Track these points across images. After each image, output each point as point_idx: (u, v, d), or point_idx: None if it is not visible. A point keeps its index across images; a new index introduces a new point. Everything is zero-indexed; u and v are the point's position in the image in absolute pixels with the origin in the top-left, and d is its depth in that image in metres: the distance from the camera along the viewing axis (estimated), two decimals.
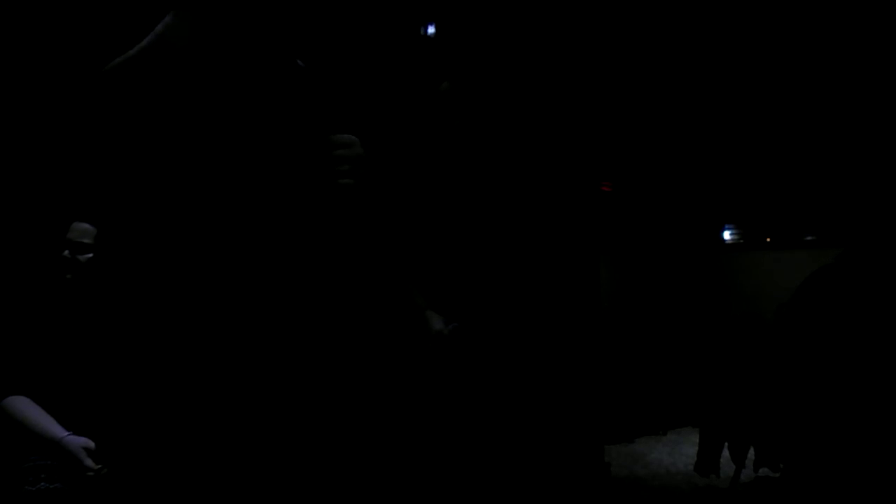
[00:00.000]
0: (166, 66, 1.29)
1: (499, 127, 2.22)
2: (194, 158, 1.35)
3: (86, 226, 2.17)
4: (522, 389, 2.20)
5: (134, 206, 1.35)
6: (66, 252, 2.15)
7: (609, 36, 4.29)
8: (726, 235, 7.59)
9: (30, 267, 2.33)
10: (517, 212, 2.27)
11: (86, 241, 2.15)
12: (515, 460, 2.10)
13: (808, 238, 7.04)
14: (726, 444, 4.67)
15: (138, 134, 1.31)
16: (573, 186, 3.94)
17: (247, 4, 1.35)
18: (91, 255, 2.15)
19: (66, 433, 1.98)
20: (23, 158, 2.69)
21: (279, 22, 1.41)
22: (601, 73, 4.38)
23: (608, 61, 4.43)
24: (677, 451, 5.68)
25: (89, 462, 1.94)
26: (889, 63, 4.64)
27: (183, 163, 1.35)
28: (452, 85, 2.16)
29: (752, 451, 4.61)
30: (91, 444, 1.97)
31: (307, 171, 1.42)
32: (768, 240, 7.36)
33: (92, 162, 2.35)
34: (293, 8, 1.46)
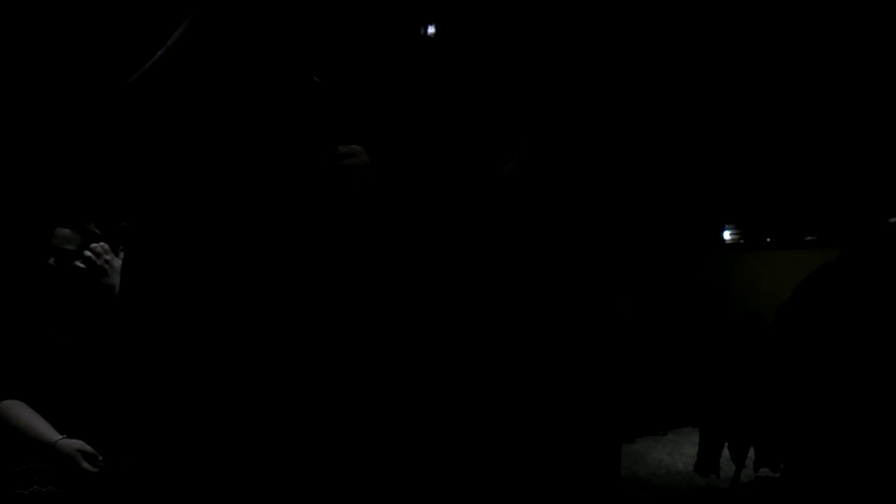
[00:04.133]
0: (182, 76, 1.29)
1: (499, 127, 2.21)
2: (200, 162, 1.35)
3: (68, 231, 2.12)
4: (525, 390, 2.20)
5: (132, 208, 1.35)
6: (52, 260, 2.11)
7: (609, 36, 4.29)
8: (726, 235, 7.59)
9: (18, 272, 2.30)
10: (517, 211, 2.27)
11: (70, 247, 2.11)
12: (522, 461, 2.10)
13: (808, 238, 7.04)
14: (726, 444, 4.67)
15: (155, 140, 1.31)
16: (572, 186, 3.93)
17: (254, 11, 1.35)
18: (77, 261, 2.11)
19: (60, 436, 1.97)
20: (5, 161, 2.67)
21: (289, 27, 1.40)
22: (601, 72, 4.37)
23: (608, 61, 4.43)
24: (677, 451, 5.68)
25: (85, 465, 1.93)
26: (889, 63, 4.64)
27: (187, 167, 1.35)
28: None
29: (752, 451, 4.62)
30: (86, 446, 1.96)
31: (313, 176, 1.42)
32: (768, 240, 7.36)
33: (78, 164, 2.33)
34: (300, 11, 1.45)
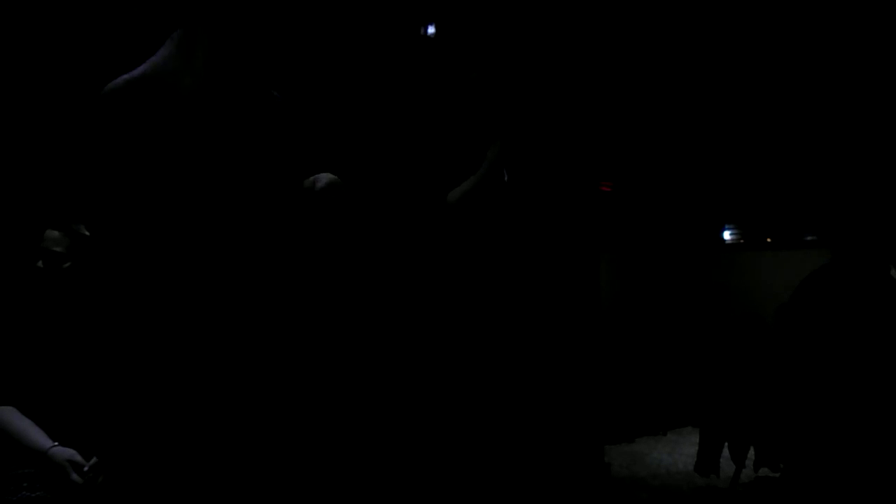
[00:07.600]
0: (161, 93, 1.31)
1: (498, 129, 2.21)
2: (186, 170, 1.35)
3: (57, 234, 2.10)
4: (522, 390, 2.20)
5: (123, 213, 1.35)
6: (40, 262, 2.09)
7: (609, 36, 4.29)
8: (726, 235, 7.59)
9: (6, 274, 2.29)
10: (517, 211, 2.27)
11: (59, 249, 2.08)
12: (515, 461, 2.10)
13: (808, 238, 7.04)
14: (726, 444, 4.67)
15: (132, 149, 1.32)
16: (573, 186, 3.94)
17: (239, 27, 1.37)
18: (67, 263, 2.09)
19: (52, 444, 1.95)
20: None
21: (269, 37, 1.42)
22: (601, 73, 4.38)
23: (608, 61, 4.43)
24: (677, 451, 5.68)
25: (74, 476, 1.91)
26: (889, 63, 4.64)
27: (174, 174, 1.35)
28: (480, 76, 2.15)
29: (752, 451, 4.62)
30: (77, 456, 1.93)
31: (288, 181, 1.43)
32: (768, 240, 7.36)
33: (69, 167, 2.32)
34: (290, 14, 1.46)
